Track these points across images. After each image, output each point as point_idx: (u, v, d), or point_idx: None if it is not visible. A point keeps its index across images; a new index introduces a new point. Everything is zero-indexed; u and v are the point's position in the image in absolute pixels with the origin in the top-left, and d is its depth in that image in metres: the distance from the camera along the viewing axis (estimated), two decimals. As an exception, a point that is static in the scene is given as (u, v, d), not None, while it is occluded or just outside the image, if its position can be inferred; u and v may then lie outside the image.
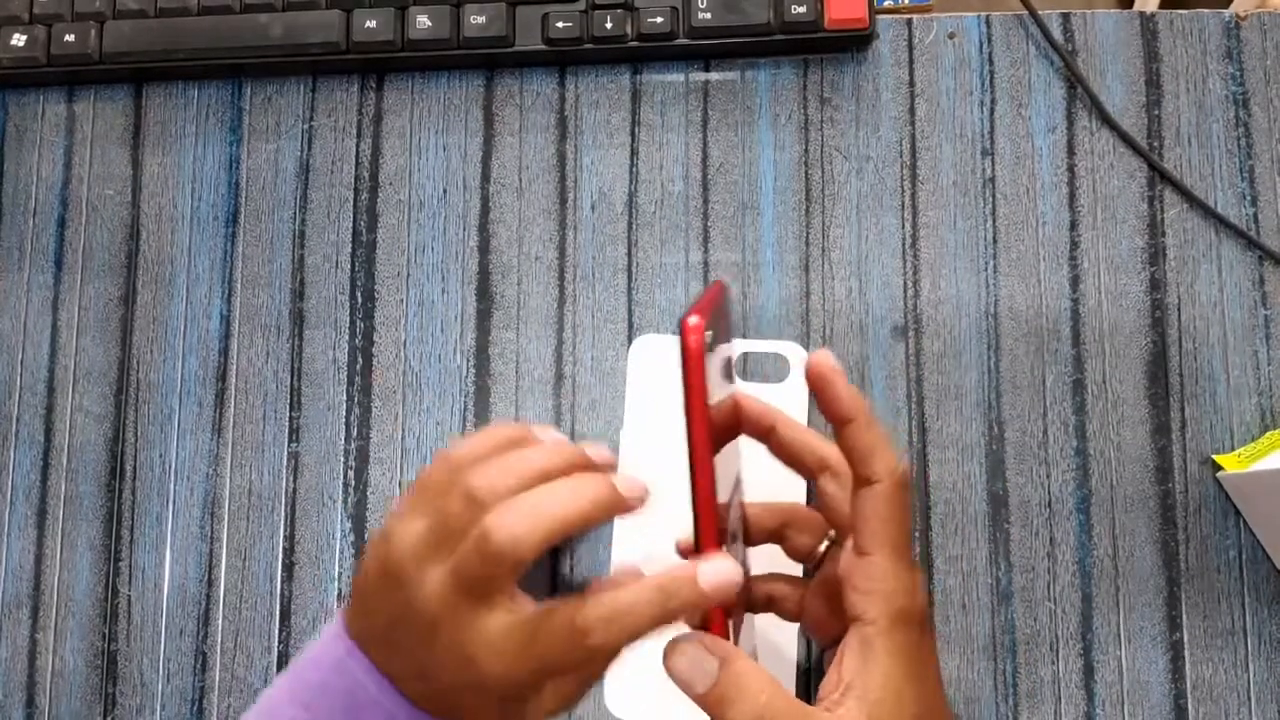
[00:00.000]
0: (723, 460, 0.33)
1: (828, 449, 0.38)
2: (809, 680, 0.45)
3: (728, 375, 0.37)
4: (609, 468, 0.37)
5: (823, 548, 0.39)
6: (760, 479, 0.39)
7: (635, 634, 0.31)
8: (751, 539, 0.40)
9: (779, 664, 0.44)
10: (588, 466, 0.36)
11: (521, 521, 0.32)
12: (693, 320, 0.30)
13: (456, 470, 0.35)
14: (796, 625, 0.41)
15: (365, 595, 0.36)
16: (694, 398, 0.30)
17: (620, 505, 0.34)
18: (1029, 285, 0.49)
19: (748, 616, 0.38)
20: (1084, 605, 0.46)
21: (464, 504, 0.33)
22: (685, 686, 0.31)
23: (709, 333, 0.31)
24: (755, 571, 0.39)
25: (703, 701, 0.31)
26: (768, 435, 0.38)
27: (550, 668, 0.32)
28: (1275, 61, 0.50)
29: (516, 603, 0.33)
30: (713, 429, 0.31)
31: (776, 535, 0.39)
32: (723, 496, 0.32)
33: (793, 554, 0.40)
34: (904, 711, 0.31)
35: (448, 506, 0.33)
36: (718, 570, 0.31)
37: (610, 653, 0.32)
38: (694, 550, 0.32)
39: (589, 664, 0.33)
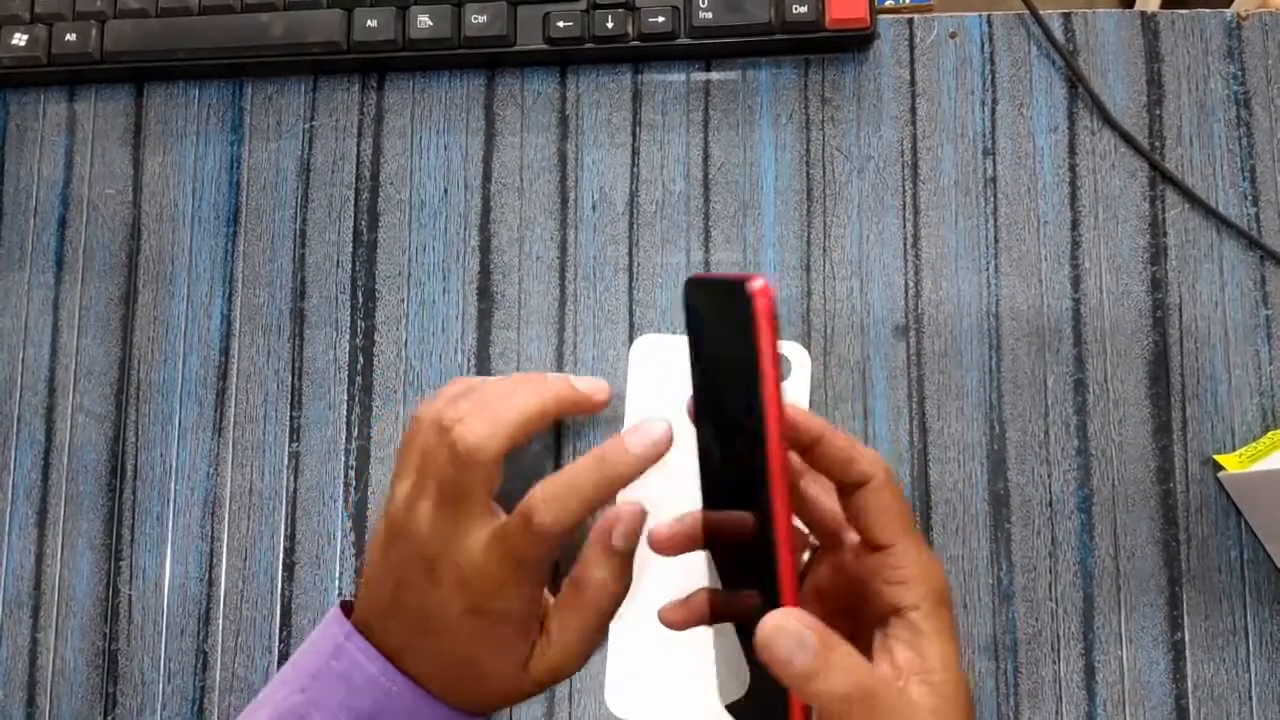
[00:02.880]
0: None
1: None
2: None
3: None
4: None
5: (805, 557, 0.39)
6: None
7: (579, 509, 0.33)
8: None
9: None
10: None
11: (484, 424, 0.33)
12: (758, 284, 0.28)
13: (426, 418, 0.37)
14: None
15: (374, 567, 0.37)
16: (766, 362, 0.29)
17: (581, 401, 0.36)
18: (1030, 285, 0.49)
19: None
20: (1085, 605, 0.46)
21: (436, 434, 0.35)
22: (783, 662, 0.30)
23: None
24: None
25: (795, 675, 0.30)
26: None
27: (519, 562, 0.34)
28: (1276, 61, 0.50)
29: (496, 515, 0.35)
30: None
31: None
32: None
33: None
34: (961, 685, 0.32)
35: (425, 445, 0.35)
36: (644, 432, 0.33)
37: (559, 535, 0.33)
38: (766, 497, 0.30)
39: (543, 549, 0.34)
